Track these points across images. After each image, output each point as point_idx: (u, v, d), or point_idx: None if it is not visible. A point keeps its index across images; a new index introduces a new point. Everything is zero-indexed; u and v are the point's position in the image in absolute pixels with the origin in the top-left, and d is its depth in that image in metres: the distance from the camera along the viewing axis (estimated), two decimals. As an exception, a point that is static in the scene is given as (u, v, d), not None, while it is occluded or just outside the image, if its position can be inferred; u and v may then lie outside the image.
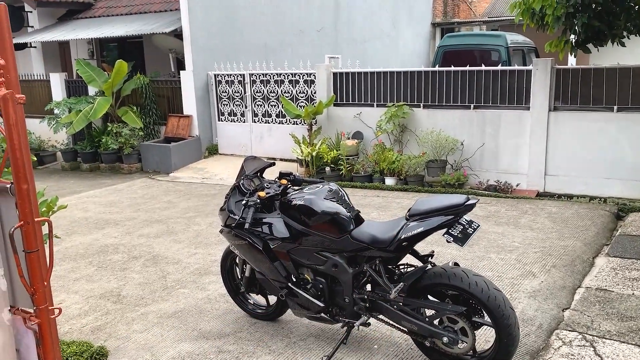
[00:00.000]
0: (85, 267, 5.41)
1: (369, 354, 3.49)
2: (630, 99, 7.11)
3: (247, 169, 3.79)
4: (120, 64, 10.31)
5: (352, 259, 3.30)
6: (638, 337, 3.49)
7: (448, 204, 3.03)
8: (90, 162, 11.26)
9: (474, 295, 2.94)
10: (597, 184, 7.34)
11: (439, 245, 4.88)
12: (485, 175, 8.07)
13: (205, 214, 7.21)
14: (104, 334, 3.97)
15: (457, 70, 8.32)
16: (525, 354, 3.42)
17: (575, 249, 5.25)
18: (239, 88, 10.65)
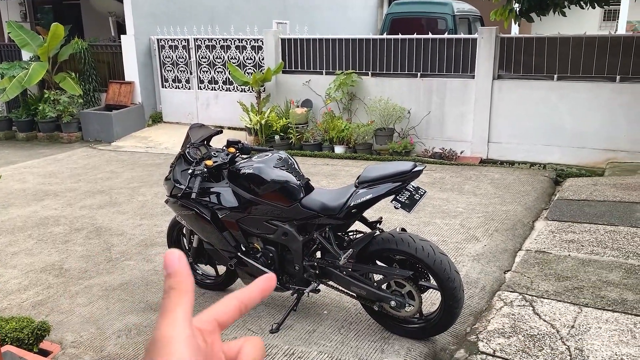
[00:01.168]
0: (24, 241, 5.19)
1: (318, 319, 3.53)
2: (569, 67, 7.34)
3: (193, 137, 3.69)
4: (56, 27, 9.76)
5: (302, 227, 3.30)
6: (573, 295, 3.68)
7: (396, 171, 3.05)
8: (26, 131, 10.72)
9: (421, 260, 3.01)
10: (538, 150, 7.61)
11: (387, 212, 4.95)
12: (431, 143, 8.21)
13: (150, 184, 7.03)
14: (46, 309, 3.85)
15: (404, 38, 8.33)
16: (469, 315, 3.55)
17: (517, 214, 5.45)
18: (184, 53, 10.31)
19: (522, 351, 3.07)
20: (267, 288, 0.55)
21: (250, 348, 0.52)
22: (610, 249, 4.40)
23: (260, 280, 0.55)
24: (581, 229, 4.88)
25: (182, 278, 0.49)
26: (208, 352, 0.48)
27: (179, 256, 0.50)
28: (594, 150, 7.33)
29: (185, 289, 0.49)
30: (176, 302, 0.48)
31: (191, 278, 0.50)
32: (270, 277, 0.56)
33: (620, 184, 6.07)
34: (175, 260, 0.50)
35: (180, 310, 0.48)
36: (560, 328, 3.28)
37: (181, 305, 0.48)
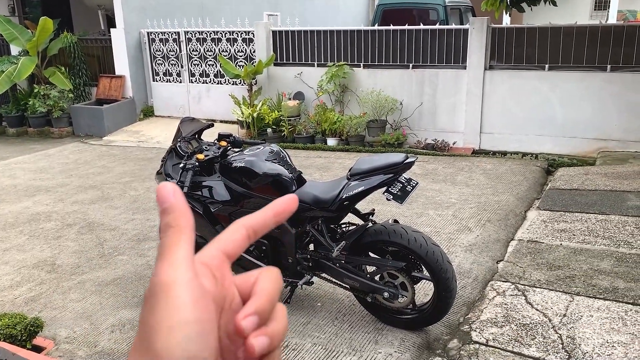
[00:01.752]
0: (16, 237, 5.16)
1: (312, 311, 3.54)
2: (560, 57, 7.35)
3: (184, 130, 3.67)
4: (45, 21, 9.66)
5: (295, 219, 3.29)
6: (565, 284, 3.70)
7: (388, 162, 3.05)
8: (16, 126, 10.63)
9: (413, 251, 3.02)
10: (530, 140, 7.64)
11: (379, 204, 4.96)
12: (423, 134, 8.22)
13: (142, 178, 7.00)
14: (39, 305, 3.83)
15: (395, 29, 8.31)
16: (462, 305, 3.57)
17: (509, 204, 5.47)
18: (174, 47, 10.25)
19: (514, 340, 3.10)
20: (284, 211, 0.48)
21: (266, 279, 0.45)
22: (601, 238, 4.43)
23: (279, 201, 0.48)
24: (573, 218, 4.91)
25: (179, 213, 0.44)
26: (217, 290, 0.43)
27: (174, 189, 0.44)
28: (585, 140, 7.36)
29: (184, 225, 0.43)
30: (175, 242, 0.42)
31: (189, 213, 0.44)
32: (292, 197, 0.49)
33: (611, 173, 6.11)
34: (170, 193, 0.44)
35: (180, 250, 0.42)
36: (553, 317, 3.31)
37: (180, 244, 0.42)
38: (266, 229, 0.47)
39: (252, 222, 0.47)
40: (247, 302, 0.43)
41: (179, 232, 0.43)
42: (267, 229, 0.47)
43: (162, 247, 0.43)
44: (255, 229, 0.47)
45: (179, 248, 0.42)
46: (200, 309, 0.40)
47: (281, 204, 0.48)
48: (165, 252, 0.42)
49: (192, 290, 0.40)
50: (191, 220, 0.44)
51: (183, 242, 0.43)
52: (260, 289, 0.44)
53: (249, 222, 0.47)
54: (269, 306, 0.43)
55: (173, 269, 0.41)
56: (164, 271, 0.41)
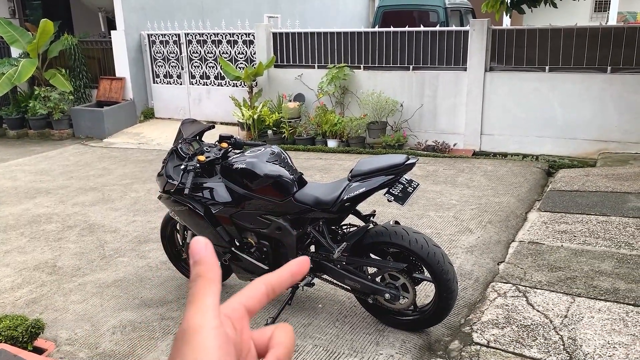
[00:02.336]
0: (17, 239, 5.16)
1: (313, 313, 3.54)
2: (561, 59, 7.36)
3: (185, 132, 3.67)
4: (46, 24, 9.68)
5: (296, 221, 3.29)
6: (566, 285, 3.70)
7: (389, 164, 3.05)
8: (17, 128, 10.64)
9: (414, 252, 3.02)
10: (530, 142, 7.64)
11: (380, 205, 4.96)
12: (424, 135, 8.22)
13: (143, 180, 7.00)
14: (40, 307, 3.83)
15: (396, 31, 8.32)
16: (463, 307, 3.56)
17: (510, 205, 5.47)
18: (175, 48, 10.26)
19: (516, 341, 3.09)
20: (298, 272, 0.53)
21: (281, 334, 0.50)
22: (602, 239, 4.43)
23: (293, 263, 0.54)
24: (573, 220, 4.91)
25: (209, 266, 0.48)
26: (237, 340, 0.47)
27: (206, 244, 0.49)
28: (586, 141, 7.36)
29: (212, 276, 0.48)
30: (204, 291, 0.47)
31: (217, 266, 0.49)
32: (304, 260, 0.54)
33: (612, 175, 6.11)
34: (202, 247, 0.49)
35: (208, 298, 0.46)
36: (554, 318, 3.30)
37: (209, 293, 0.47)
38: (284, 288, 0.52)
39: (271, 281, 0.51)
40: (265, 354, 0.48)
41: (208, 283, 0.47)
42: (284, 288, 0.52)
43: (191, 294, 0.47)
44: (274, 287, 0.51)
45: (207, 297, 0.46)
46: (224, 354, 0.44)
47: (296, 266, 0.53)
48: (194, 299, 0.46)
49: (218, 336, 0.44)
50: (219, 273, 0.49)
51: (211, 292, 0.47)
52: (278, 342, 0.49)
53: (269, 281, 0.51)
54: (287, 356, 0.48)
55: (201, 314, 0.45)
56: (192, 316, 0.45)
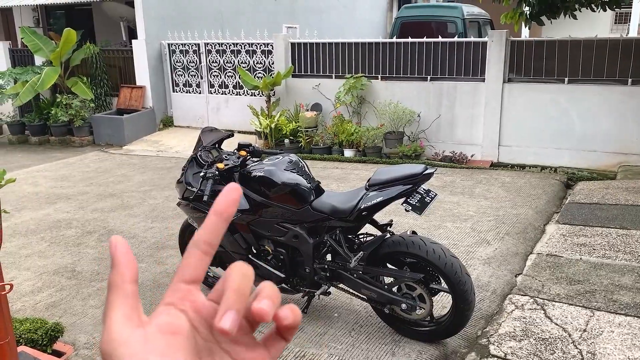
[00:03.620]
0: (37, 243, 5.24)
1: (329, 322, 3.54)
2: (580, 71, 7.31)
3: (204, 140, 3.72)
4: (69, 33, 9.87)
5: (313, 229, 3.30)
6: (585, 299, 3.66)
7: (406, 173, 3.06)
8: (39, 135, 10.82)
9: (432, 263, 3.01)
10: (548, 154, 7.58)
11: (397, 215, 4.95)
12: (441, 146, 8.20)
13: (161, 187, 7.08)
14: (59, 310, 3.88)
15: (414, 41, 8.34)
16: (480, 319, 3.54)
17: (528, 217, 5.43)
18: (194, 58, 10.38)
19: (533, 354, 3.06)
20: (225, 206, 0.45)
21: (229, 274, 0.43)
22: (622, 253, 4.37)
23: (219, 198, 0.45)
24: (593, 233, 4.85)
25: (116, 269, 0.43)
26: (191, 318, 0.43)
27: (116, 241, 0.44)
28: (605, 154, 7.28)
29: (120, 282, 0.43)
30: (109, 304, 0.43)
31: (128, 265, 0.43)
32: (232, 186, 0.45)
33: (632, 188, 6.03)
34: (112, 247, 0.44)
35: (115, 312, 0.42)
36: (572, 332, 3.26)
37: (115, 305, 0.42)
38: (218, 233, 0.44)
39: (201, 237, 0.44)
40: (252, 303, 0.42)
41: (115, 292, 0.43)
42: (219, 233, 0.44)
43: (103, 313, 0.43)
44: (207, 241, 0.44)
45: (113, 311, 0.42)
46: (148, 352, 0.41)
47: (222, 200, 0.45)
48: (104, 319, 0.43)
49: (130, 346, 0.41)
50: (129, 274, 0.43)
51: (118, 303, 0.42)
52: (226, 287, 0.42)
53: (198, 238, 0.44)
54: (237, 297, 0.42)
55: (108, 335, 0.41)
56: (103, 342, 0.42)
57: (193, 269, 0.44)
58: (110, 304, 0.42)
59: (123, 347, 0.40)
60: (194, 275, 0.44)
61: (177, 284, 0.44)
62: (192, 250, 0.44)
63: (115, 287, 0.43)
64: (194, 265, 0.44)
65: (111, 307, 0.42)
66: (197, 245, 0.44)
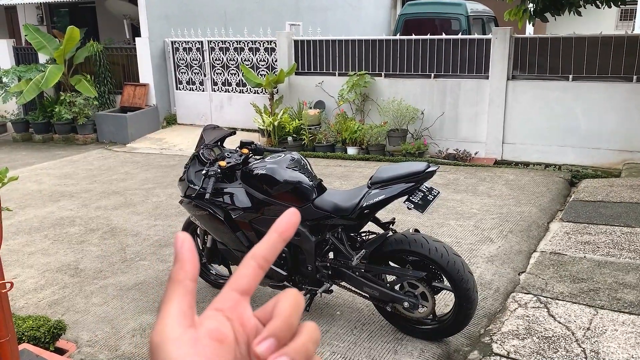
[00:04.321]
0: (41, 241, 5.25)
1: (331, 320, 3.53)
2: (585, 68, 7.27)
3: (206, 138, 3.71)
4: (72, 30, 9.88)
5: (315, 227, 3.30)
6: (589, 297, 3.64)
7: (409, 171, 3.04)
8: (43, 132, 10.86)
9: (434, 261, 3.00)
10: (553, 151, 7.54)
11: (400, 213, 4.94)
12: (444, 144, 8.17)
13: (165, 185, 7.08)
14: (62, 308, 3.89)
15: (417, 39, 8.31)
16: (483, 317, 3.53)
17: (531, 215, 5.41)
18: (197, 56, 10.38)
19: (536, 353, 3.05)
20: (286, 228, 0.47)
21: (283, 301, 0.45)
22: (626, 251, 4.35)
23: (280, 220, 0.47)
24: (597, 231, 4.83)
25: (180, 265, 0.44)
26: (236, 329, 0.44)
27: (183, 239, 0.45)
28: (610, 151, 7.24)
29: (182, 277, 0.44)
30: (169, 297, 0.43)
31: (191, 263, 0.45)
32: (291, 212, 0.48)
33: (637, 185, 6.00)
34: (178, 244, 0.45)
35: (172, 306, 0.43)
36: (576, 330, 3.25)
37: (174, 299, 0.43)
38: (276, 251, 0.46)
39: (260, 252, 0.46)
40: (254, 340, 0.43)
41: (175, 286, 0.44)
42: (277, 251, 0.47)
43: (160, 303, 0.44)
44: (265, 256, 0.46)
45: (171, 304, 0.43)
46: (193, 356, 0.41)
47: (284, 222, 0.47)
48: (160, 309, 0.44)
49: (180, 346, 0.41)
50: (192, 271, 0.44)
51: (177, 297, 0.43)
52: (276, 312, 0.44)
53: (257, 252, 0.46)
54: (285, 326, 0.43)
55: (161, 327, 0.42)
56: (155, 331, 0.42)
57: (249, 279, 0.45)
58: (169, 297, 0.43)
59: (173, 344, 0.41)
60: (247, 287, 0.45)
61: (229, 292, 0.45)
62: (248, 262, 0.46)
63: (177, 282, 0.44)
64: (250, 277, 0.45)
65: (169, 300, 0.43)
66: (255, 258, 0.46)
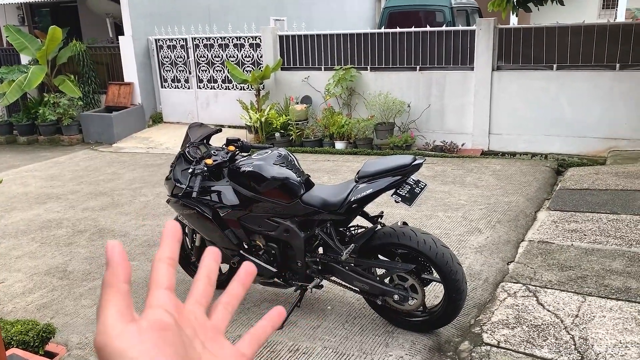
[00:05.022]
0: (28, 244, 5.21)
1: (322, 315, 3.54)
2: (568, 57, 7.32)
3: (192, 136, 3.69)
4: (54, 30, 9.75)
5: (304, 223, 3.29)
6: (577, 285, 3.68)
7: (395, 164, 3.05)
8: (27, 134, 10.73)
9: (423, 253, 3.01)
10: (539, 141, 7.60)
11: (388, 206, 4.95)
12: (431, 136, 8.20)
13: (152, 184, 7.04)
14: (51, 311, 3.86)
15: (402, 31, 8.31)
16: (472, 307, 3.55)
17: (519, 205, 5.45)
18: (182, 53, 10.31)
19: (526, 342, 3.08)
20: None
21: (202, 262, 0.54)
22: (613, 238, 4.40)
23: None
24: (584, 218, 4.87)
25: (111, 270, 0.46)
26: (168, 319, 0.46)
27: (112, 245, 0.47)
28: (595, 139, 7.31)
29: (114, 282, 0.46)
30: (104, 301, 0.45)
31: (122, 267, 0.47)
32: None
33: (622, 172, 6.06)
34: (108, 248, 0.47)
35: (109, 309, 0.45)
36: (565, 318, 3.28)
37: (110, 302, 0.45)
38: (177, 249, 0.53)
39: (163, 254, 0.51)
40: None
41: (110, 290, 0.46)
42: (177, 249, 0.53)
43: (97, 309, 0.46)
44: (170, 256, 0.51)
45: (108, 307, 0.45)
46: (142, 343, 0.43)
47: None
48: (98, 315, 0.45)
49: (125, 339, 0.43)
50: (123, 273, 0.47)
51: (113, 299, 0.45)
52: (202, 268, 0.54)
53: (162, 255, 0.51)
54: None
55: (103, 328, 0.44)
56: (97, 336, 0.44)
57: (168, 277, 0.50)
58: (105, 301, 0.45)
59: (117, 339, 0.43)
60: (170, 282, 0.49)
61: (157, 290, 0.48)
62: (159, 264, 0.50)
63: (110, 285, 0.46)
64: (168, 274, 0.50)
65: (106, 303, 0.45)
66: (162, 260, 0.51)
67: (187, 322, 0.48)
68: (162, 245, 0.52)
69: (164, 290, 0.48)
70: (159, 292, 0.48)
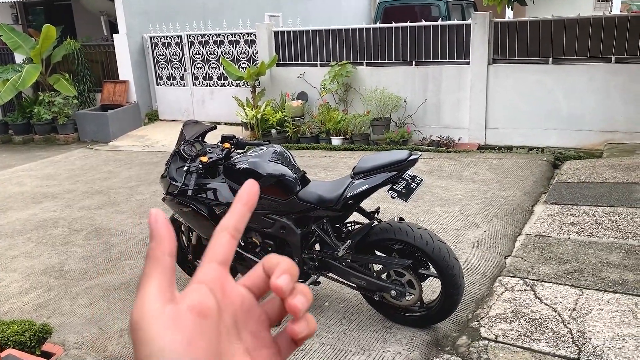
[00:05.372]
0: (24, 244, 5.18)
1: (320, 311, 3.53)
2: (564, 50, 7.30)
3: (187, 133, 3.67)
4: (48, 29, 9.70)
5: (300, 219, 3.28)
6: (574, 278, 3.67)
7: (391, 160, 3.04)
8: (23, 134, 10.69)
9: (419, 248, 3.00)
10: (535, 134, 7.59)
11: (384, 202, 4.94)
12: (428, 131, 8.19)
13: (148, 182, 7.02)
14: (47, 311, 3.85)
15: (397, 26, 8.29)
16: (470, 302, 3.55)
17: (516, 198, 5.44)
18: (177, 50, 10.27)
19: (524, 335, 3.07)
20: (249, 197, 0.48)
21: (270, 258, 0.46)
22: (610, 231, 4.40)
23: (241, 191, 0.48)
24: (580, 212, 4.87)
25: (157, 242, 0.44)
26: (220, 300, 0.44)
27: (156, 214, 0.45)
28: (592, 132, 7.31)
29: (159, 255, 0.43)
30: (147, 275, 0.43)
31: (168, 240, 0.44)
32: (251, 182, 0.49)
33: (618, 165, 6.06)
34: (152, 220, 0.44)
35: (151, 283, 0.42)
36: (562, 311, 3.28)
37: (152, 277, 0.43)
38: (244, 221, 0.48)
39: (229, 222, 0.47)
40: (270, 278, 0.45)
41: (153, 263, 0.43)
42: (245, 220, 0.48)
43: (139, 280, 0.44)
44: (235, 226, 0.47)
45: (150, 281, 0.43)
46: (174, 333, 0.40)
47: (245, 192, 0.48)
48: (139, 287, 0.43)
49: (159, 322, 0.41)
50: (169, 246, 0.44)
51: (155, 274, 0.43)
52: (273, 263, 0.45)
53: (227, 223, 0.47)
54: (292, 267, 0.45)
55: (140, 304, 0.42)
56: (134, 309, 0.42)
57: (224, 250, 0.46)
58: (147, 275, 0.43)
59: (152, 321, 0.41)
60: (225, 257, 0.46)
61: (208, 264, 0.45)
62: (220, 233, 0.46)
63: (155, 258, 0.43)
64: (225, 247, 0.46)
65: (148, 277, 0.43)
66: (227, 229, 0.46)
67: (231, 306, 0.44)
68: (231, 211, 0.47)
69: (216, 265, 0.45)
70: (210, 266, 0.45)
